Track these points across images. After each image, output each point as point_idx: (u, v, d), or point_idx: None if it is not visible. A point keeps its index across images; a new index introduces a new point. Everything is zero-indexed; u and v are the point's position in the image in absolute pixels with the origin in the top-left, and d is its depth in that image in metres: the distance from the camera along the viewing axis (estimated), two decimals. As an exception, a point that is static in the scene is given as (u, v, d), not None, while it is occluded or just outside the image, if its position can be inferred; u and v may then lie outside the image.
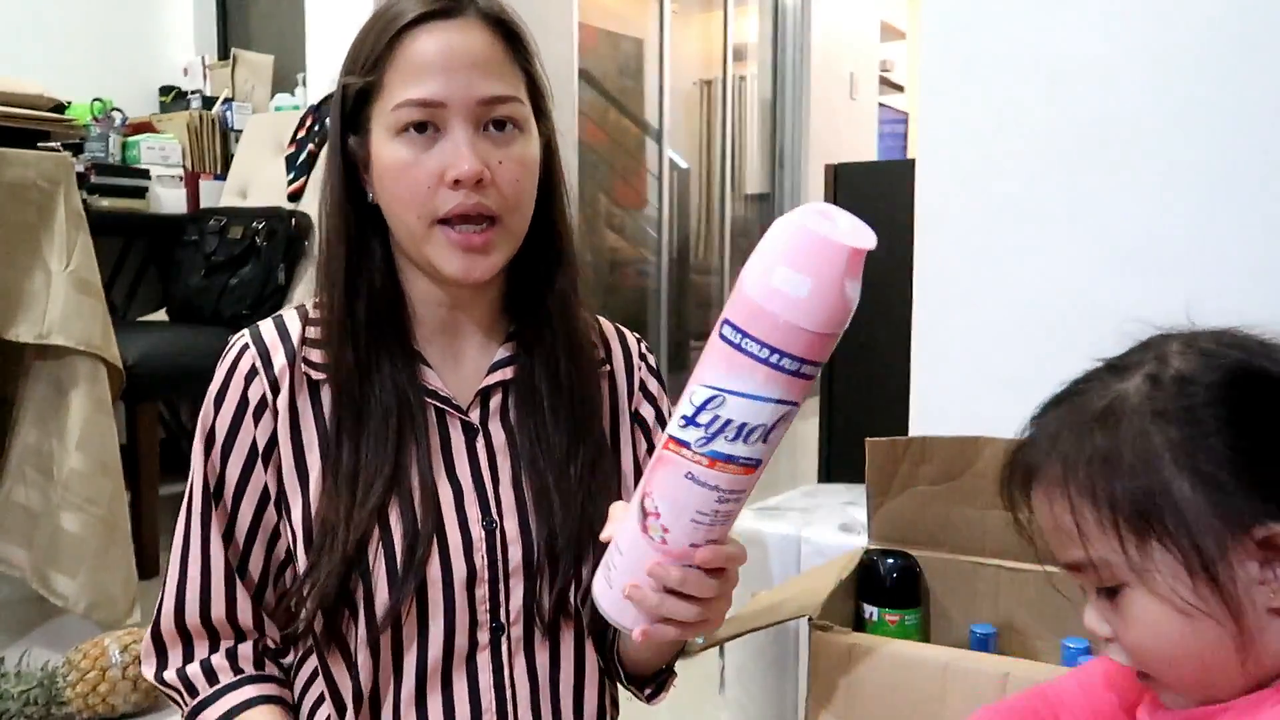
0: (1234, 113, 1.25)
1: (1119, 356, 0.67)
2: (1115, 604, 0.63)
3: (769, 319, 0.59)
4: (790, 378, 0.61)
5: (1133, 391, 0.63)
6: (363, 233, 0.86)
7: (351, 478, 0.82)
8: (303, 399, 0.85)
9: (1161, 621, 0.60)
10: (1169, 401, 0.61)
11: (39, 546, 1.96)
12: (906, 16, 6.44)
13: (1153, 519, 0.60)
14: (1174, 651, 0.61)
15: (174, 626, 0.87)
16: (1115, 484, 0.61)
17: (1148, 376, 0.63)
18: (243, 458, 0.85)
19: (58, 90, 2.25)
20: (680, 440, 0.64)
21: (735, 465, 0.63)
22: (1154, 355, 0.64)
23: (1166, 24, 1.29)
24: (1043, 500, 0.66)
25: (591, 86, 4.25)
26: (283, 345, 0.86)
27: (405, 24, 0.80)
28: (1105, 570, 0.62)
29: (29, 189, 1.91)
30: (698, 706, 1.82)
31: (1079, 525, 0.62)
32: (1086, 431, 0.63)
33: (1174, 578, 0.59)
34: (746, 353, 0.60)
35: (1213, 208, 1.27)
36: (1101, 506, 0.61)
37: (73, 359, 1.95)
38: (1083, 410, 0.65)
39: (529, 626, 0.85)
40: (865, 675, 0.94)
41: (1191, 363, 0.62)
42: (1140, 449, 0.61)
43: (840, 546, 1.39)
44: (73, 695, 1.70)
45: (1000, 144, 1.41)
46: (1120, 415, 0.62)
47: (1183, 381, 0.62)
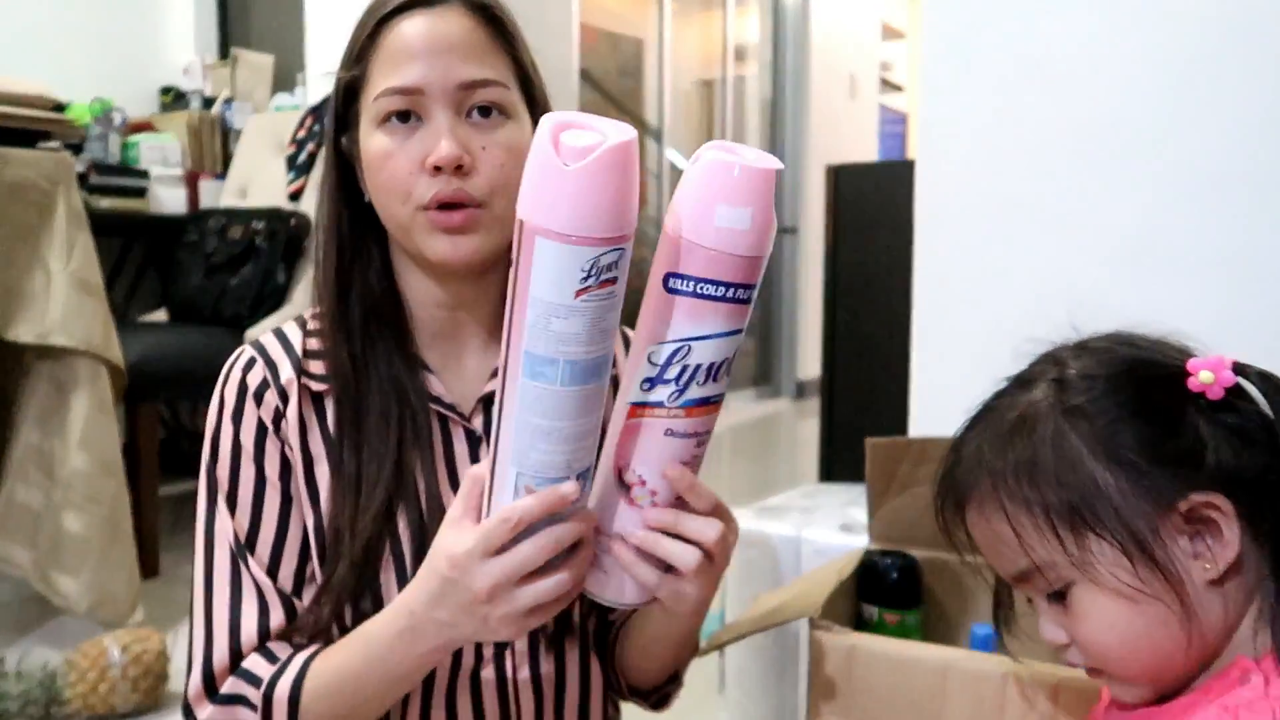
0: (1234, 112, 1.25)
1: (1022, 372, 0.71)
2: (1065, 606, 0.65)
3: (721, 259, 0.61)
4: (744, 307, 0.64)
5: (1041, 397, 0.67)
6: (359, 233, 0.85)
7: (355, 481, 0.81)
8: (308, 411, 0.83)
9: (1110, 611, 0.63)
10: (1076, 398, 0.65)
11: (41, 546, 1.96)
12: (906, 16, 6.44)
13: (1084, 512, 0.63)
14: (1126, 639, 0.63)
15: (227, 663, 0.80)
16: (1043, 486, 0.64)
17: (1052, 381, 0.67)
18: (277, 461, 0.82)
19: (58, 90, 2.26)
20: (649, 403, 0.65)
21: (709, 405, 0.66)
22: (1053, 362, 0.68)
23: (1166, 24, 1.29)
24: (978, 517, 0.68)
25: (591, 86, 4.25)
26: (288, 357, 0.84)
27: (386, 14, 0.80)
28: (1051, 573, 0.65)
29: (29, 189, 1.91)
30: (698, 706, 1.83)
31: (1017, 533, 0.65)
32: (1006, 442, 0.66)
33: (1115, 565, 0.62)
34: (704, 296, 0.62)
35: (1213, 207, 1.27)
36: (1035, 510, 0.64)
37: (73, 359, 1.95)
38: (999, 424, 0.68)
39: (534, 640, 0.84)
40: (866, 675, 0.94)
41: (1089, 362, 0.67)
42: (1059, 448, 0.64)
43: (840, 546, 1.39)
44: (73, 695, 1.70)
45: (1000, 144, 1.41)
46: (1035, 420, 0.66)
47: (1086, 379, 0.66)
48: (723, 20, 5.11)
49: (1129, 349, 0.67)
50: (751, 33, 5.38)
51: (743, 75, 5.31)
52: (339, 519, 0.80)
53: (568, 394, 0.62)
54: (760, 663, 1.52)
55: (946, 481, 0.71)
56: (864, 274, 2.17)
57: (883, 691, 0.93)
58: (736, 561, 1.55)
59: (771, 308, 5.40)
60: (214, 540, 0.82)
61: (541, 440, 0.63)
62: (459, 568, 0.66)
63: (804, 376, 5.49)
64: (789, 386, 5.62)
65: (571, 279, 0.60)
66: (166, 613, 2.09)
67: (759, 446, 4.73)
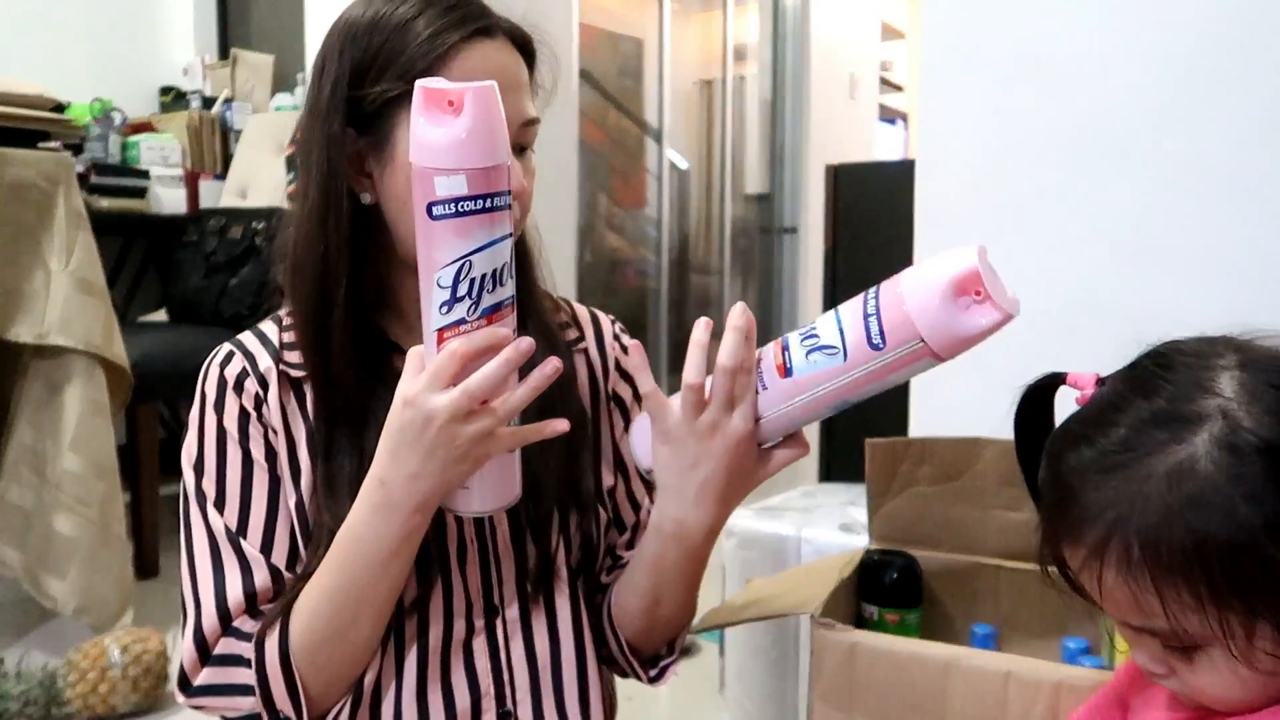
0: (1234, 112, 1.25)
1: (1161, 388, 0.61)
2: (1188, 657, 0.60)
3: (471, 175, 0.68)
4: (503, 213, 0.70)
5: (1205, 458, 0.58)
6: (349, 234, 0.83)
7: (327, 477, 0.82)
8: (288, 396, 0.85)
9: (1243, 676, 0.59)
10: (1256, 480, 0.57)
11: (31, 547, 1.95)
12: (906, 16, 6.44)
13: (1252, 598, 0.57)
14: (1245, 698, 0.60)
15: (217, 626, 0.81)
16: (1211, 564, 0.57)
17: (1220, 443, 0.58)
18: (262, 445, 0.84)
19: (58, 90, 2.25)
20: (453, 323, 0.71)
21: (504, 309, 0.72)
22: (1216, 400, 0.59)
23: (1166, 24, 1.29)
24: (1114, 574, 0.60)
25: (591, 86, 4.25)
26: (265, 348, 0.86)
27: (459, 39, 0.80)
28: (1188, 636, 0.59)
29: (29, 189, 1.91)
30: (698, 706, 1.82)
31: (1164, 601, 0.58)
32: (1164, 503, 0.58)
33: (1269, 642, 0.57)
34: (466, 213, 0.68)
35: (1213, 207, 1.27)
36: (1196, 586, 0.57)
37: (68, 359, 1.95)
38: (1146, 473, 0.59)
39: (524, 607, 0.86)
40: (867, 673, 0.94)
41: (1264, 416, 0.58)
42: (1232, 525, 0.57)
43: (840, 546, 1.39)
44: (73, 695, 1.70)
45: (1000, 144, 1.41)
46: (1199, 485, 0.57)
47: (1261, 443, 0.57)
48: (723, 20, 5.11)
49: None
50: (751, 33, 5.38)
51: (743, 75, 5.31)
52: (316, 513, 0.82)
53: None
54: (760, 663, 1.52)
55: (1063, 519, 0.63)
56: (864, 274, 2.16)
57: (884, 689, 0.93)
58: (736, 561, 1.55)
59: (771, 308, 5.40)
60: (191, 521, 0.84)
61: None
62: (414, 405, 0.70)
63: (804, 376, 5.46)
64: (789, 386, 5.59)
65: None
66: (167, 613, 2.09)
67: (759, 446, 4.71)
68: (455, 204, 0.68)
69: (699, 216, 5.10)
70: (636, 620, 0.90)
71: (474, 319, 0.71)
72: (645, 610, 0.89)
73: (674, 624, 0.91)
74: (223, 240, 2.79)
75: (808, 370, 0.74)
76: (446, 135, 0.67)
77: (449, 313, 0.71)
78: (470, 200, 0.68)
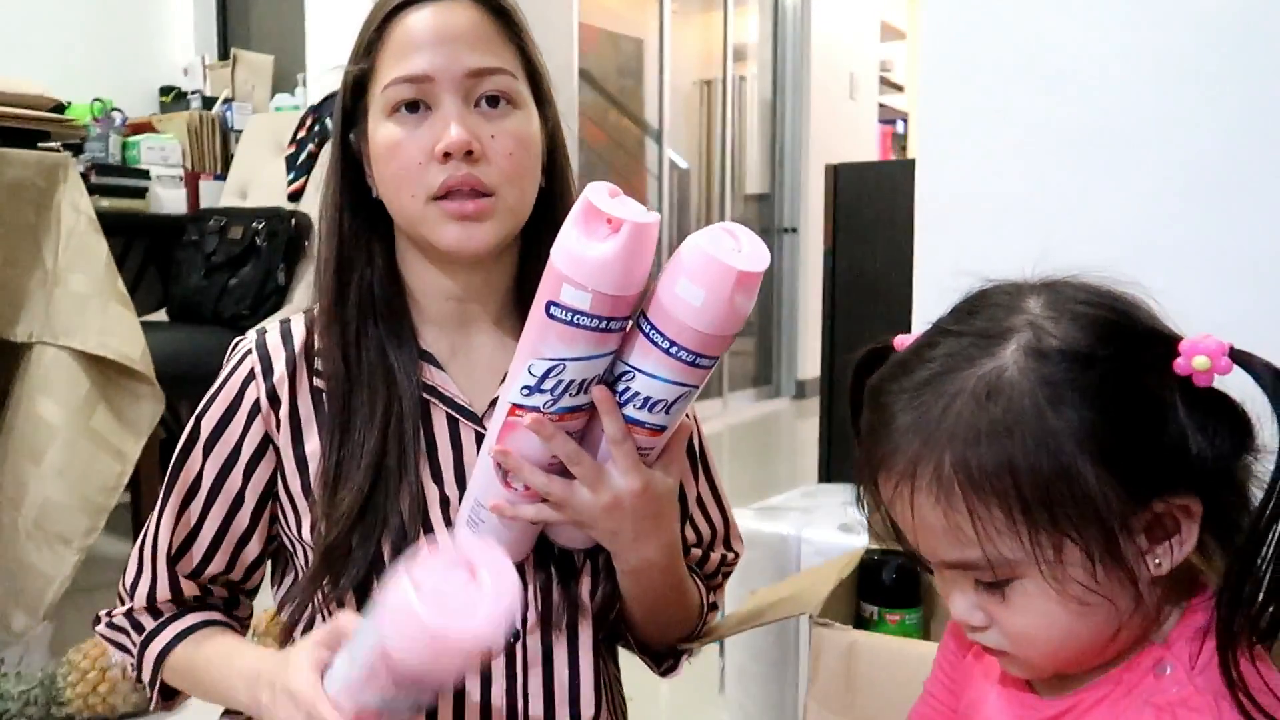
0: (1234, 112, 1.25)
1: (978, 317, 0.61)
2: (1002, 595, 0.59)
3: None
4: (613, 335, 0.71)
5: (1012, 364, 0.57)
6: (361, 228, 0.85)
7: (333, 476, 0.81)
8: (305, 406, 0.84)
9: (1055, 609, 0.57)
10: (1056, 372, 0.56)
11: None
12: (906, 16, 6.45)
13: (1062, 513, 0.55)
14: (1062, 634, 0.58)
15: (128, 601, 0.91)
16: (1020, 479, 0.55)
17: (1028, 349, 0.57)
18: (222, 459, 0.85)
19: (58, 90, 2.25)
20: (527, 406, 0.74)
21: (580, 412, 0.75)
22: (1023, 317, 0.59)
23: (1166, 24, 1.29)
24: (923, 499, 0.58)
25: (591, 86, 4.25)
26: (284, 350, 0.85)
27: (394, 7, 0.81)
28: (1002, 567, 0.57)
29: (29, 189, 1.91)
30: (698, 706, 1.83)
31: (977, 525, 0.56)
32: (973, 418, 0.57)
33: (1077, 566, 0.56)
34: (578, 325, 0.70)
35: (1213, 208, 1.27)
36: (1008, 505, 0.56)
37: (60, 376, 1.87)
38: (956, 388, 0.58)
39: (546, 631, 0.84)
40: (866, 672, 0.94)
41: (1071, 329, 0.58)
42: (1040, 436, 0.55)
43: (840, 546, 1.39)
44: (73, 695, 1.70)
45: (1000, 144, 1.41)
46: (1008, 396, 0.56)
47: (1068, 351, 0.57)
48: (723, 20, 5.11)
49: (1113, 314, 0.60)
50: (751, 33, 5.39)
51: (743, 75, 5.31)
52: (317, 513, 0.82)
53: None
54: (760, 663, 1.52)
55: (876, 446, 0.61)
56: (864, 274, 2.17)
57: (883, 688, 0.93)
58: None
59: (771, 308, 5.40)
60: (155, 508, 0.88)
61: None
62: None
63: (804, 376, 5.49)
64: (789, 386, 5.62)
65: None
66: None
67: (759, 446, 4.73)
68: (573, 314, 0.69)
69: (699, 216, 5.10)
70: (639, 631, 0.92)
71: (547, 412, 0.73)
72: (641, 624, 0.90)
73: (675, 629, 0.92)
74: (223, 240, 2.79)
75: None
76: (591, 252, 0.68)
77: (528, 397, 0.73)
78: (587, 317, 0.69)
